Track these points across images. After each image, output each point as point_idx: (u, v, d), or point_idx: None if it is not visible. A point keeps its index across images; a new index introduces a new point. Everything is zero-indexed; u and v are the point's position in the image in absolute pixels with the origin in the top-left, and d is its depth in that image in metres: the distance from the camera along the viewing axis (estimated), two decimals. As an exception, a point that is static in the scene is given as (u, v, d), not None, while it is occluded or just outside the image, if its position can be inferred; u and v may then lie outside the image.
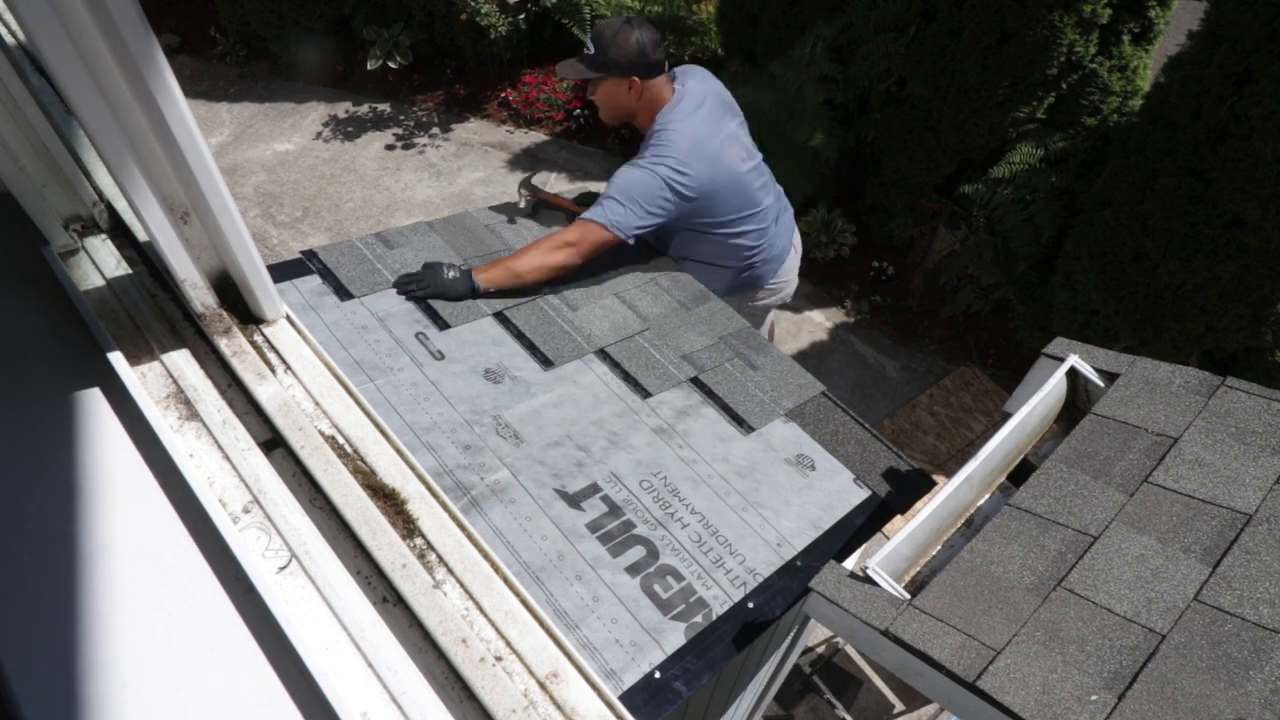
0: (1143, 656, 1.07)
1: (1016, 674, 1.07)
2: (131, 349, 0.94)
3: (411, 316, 1.80)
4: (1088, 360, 1.61)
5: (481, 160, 5.52)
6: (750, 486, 1.61)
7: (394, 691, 0.73)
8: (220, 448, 0.86)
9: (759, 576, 1.43)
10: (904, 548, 1.33)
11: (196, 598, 0.75)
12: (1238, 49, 2.76)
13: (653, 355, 1.86)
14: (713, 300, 2.11)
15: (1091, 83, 3.82)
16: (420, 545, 0.83)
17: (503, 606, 0.80)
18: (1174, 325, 3.24)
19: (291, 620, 0.73)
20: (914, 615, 1.18)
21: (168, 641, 0.72)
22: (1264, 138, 2.70)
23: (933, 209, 4.40)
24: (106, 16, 0.66)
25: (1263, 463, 1.31)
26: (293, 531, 0.81)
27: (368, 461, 0.89)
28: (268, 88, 6.16)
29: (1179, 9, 3.85)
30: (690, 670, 1.27)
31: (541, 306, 1.92)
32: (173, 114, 0.73)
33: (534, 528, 1.41)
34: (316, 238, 4.91)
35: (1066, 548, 1.25)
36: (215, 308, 0.96)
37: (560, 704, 0.75)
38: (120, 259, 1.05)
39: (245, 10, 5.99)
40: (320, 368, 0.97)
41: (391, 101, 5.98)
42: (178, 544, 0.79)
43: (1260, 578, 1.13)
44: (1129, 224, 3.24)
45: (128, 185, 0.78)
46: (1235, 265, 2.97)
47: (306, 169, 5.42)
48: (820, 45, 4.15)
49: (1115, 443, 1.41)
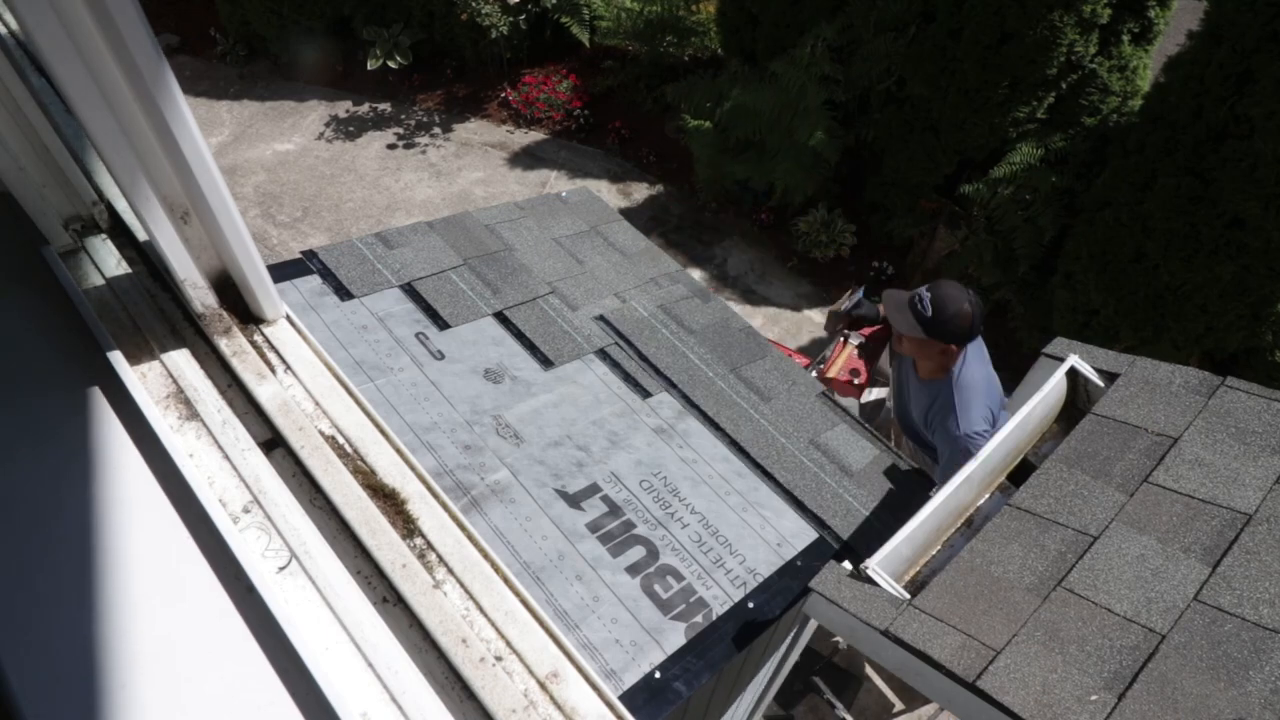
0: (1143, 656, 1.07)
1: (1016, 674, 1.07)
2: (131, 349, 0.93)
3: (411, 316, 1.80)
4: (1088, 360, 1.61)
5: (481, 160, 5.52)
6: (750, 486, 1.60)
7: (394, 691, 0.73)
8: (220, 448, 0.86)
9: (759, 576, 1.43)
10: (904, 548, 1.33)
11: (196, 597, 0.75)
12: (1238, 49, 2.76)
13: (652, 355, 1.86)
14: (713, 300, 2.11)
15: (1091, 83, 3.82)
16: (420, 545, 0.83)
17: (503, 606, 0.80)
18: (1174, 325, 3.24)
19: (291, 620, 0.73)
20: (914, 615, 1.18)
21: (168, 641, 0.72)
22: (1264, 138, 2.70)
23: (933, 209, 4.40)
24: (106, 16, 0.66)
25: (1263, 463, 1.30)
26: (293, 531, 0.81)
27: (368, 461, 0.89)
28: (268, 88, 6.16)
29: (1179, 9, 3.85)
30: (690, 670, 1.27)
31: (541, 307, 1.92)
32: (173, 114, 0.73)
33: (534, 528, 1.41)
34: (316, 238, 4.91)
35: (1066, 548, 1.25)
36: (215, 308, 0.96)
37: (560, 704, 0.75)
38: (120, 259, 1.05)
39: (245, 10, 5.99)
40: (320, 368, 0.97)
41: (392, 101, 5.98)
42: (178, 544, 0.79)
43: (1260, 578, 1.13)
44: (1129, 224, 3.24)
45: (128, 185, 0.78)
46: (1235, 265, 2.97)
47: (306, 169, 5.42)
48: (821, 45, 4.15)
49: (1115, 443, 1.41)
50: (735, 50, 4.94)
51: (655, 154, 5.47)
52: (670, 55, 5.63)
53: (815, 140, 4.23)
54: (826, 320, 2.47)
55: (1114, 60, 3.77)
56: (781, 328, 4.45)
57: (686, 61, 5.68)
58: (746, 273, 4.78)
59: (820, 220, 4.64)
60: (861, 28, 4.16)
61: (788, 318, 4.51)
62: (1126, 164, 3.28)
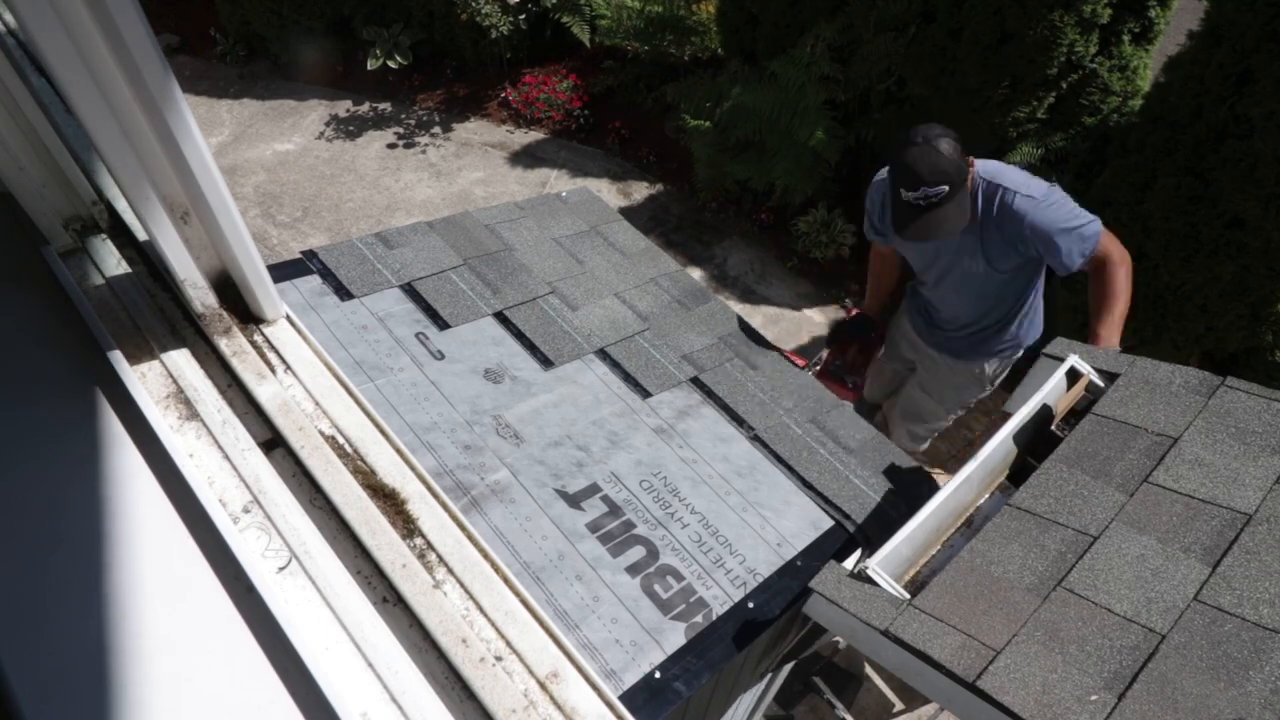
0: (1143, 656, 1.07)
1: (1016, 674, 1.07)
2: (131, 349, 0.94)
3: (411, 316, 1.80)
4: (1088, 360, 1.61)
5: (482, 160, 5.52)
6: (750, 486, 1.61)
7: (394, 691, 0.73)
8: (220, 448, 0.86)
9: (759, 576, 1.43)
10: (904, 548, 1.33)
11: (196, 597, 0.75)
12: (1238, 49, 2.76)
13: (653, 355, 1.86)
14: (712, 300, 2.11)
15: (1091, 83, 3.82)
16: (420, 545, 0.83)
17: (503, 606, 0.80)
18: (1174, 325, 3.24)
19: (291, 620, 0.73)
20: (914, 615, 1.18)
21: (167, 641, 0.72)
22: (1264, 138, 2.70)
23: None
24: (106, 16, 0.66)
25: (1263, 463, 1.31)
26: (293, 531, 0.81)
27: (368, 461, 0.89)
28: (268, 87, 6.16)
29: (1179, 9, 3.85)
30: (690, 670, 1.27)
31: (541, 306, 1.92)
32: (173, 114, 0.73)
33: (534, 528, 1.41)
34: (316, 238, 4.91)
35: (1066, 548, 1.25)
36: (215, 307, 0.96)
37: (560, 704, 0.75)
38: (120, 259, 1.05)
39: (245, 10, 5.99)
40: (320, 368, 0.97)
41: (392, 101, 5.98)
42: (177, 544, 0.79)
43: (1260, 578, 1.13)
44: (1129, 224, 3.24)
45: (128, 185, 0.78)
46: (1235, 265, 2.97)
47: (306, 169, 5.42)
48: (820, 45, 4.15)
49: (1115, 443, 1.41)
50: (735, 50, 4.94)
51: (655, 154, 5.47)
52: (670, 55, 5.63)
53: (815, 140, 4.22)
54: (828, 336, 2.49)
55: (1114, 60, 3.77)
56: (781, 328, 4.45)
57: (686, 61, 5.68)
58: (746, 272, 4.78)
59: (820, 220, 4.64)
60: (861, 28, 4.16)
61: (788, 317, 4.51)
62: (1126, 164, 3.28)
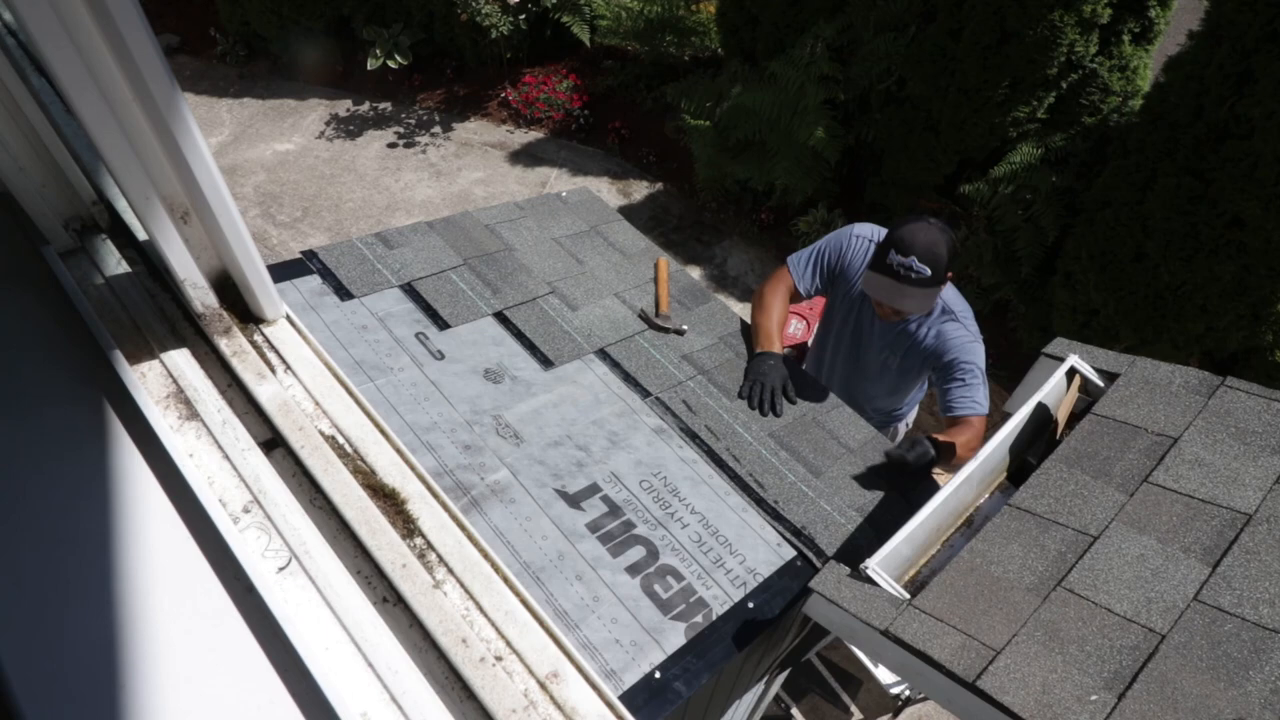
0: (1143, 656, 1.07)
1: (1016, 674, 1.07)
2: (131, 349, 0.94)
3: (411, 316, 1.80)
4: (1088, 360, 1.61)
5: (481, 160, 5.52)
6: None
7: (394, 691, 0.73)
8: (220, 447, 0.86)
9: (759, 576, 1.43)
10: (904, 548, 1.33)
11: (196, 598, 0.75)
12: (1238, 49, 2.76)
13: (653, 355, 1.86)
14: (712, 300, 2.11)
15: (1091, 83, 3.82)
16: (420, 545, 0.83)
17: (503, 606, 0.80)
18: (1174, 325, 3.24)
19: (291, 620, 0.73)
20: (914, 615, 1.18)
21: (167, 641, 0.72)
22: (1264, 138, 2.70)
23: (933, 209, 4.40)
24: (106, 16, 0.66)
25: (1263, 463, 1.30)
26: (293, 531, 0.81)
27: (368, 461, 0.89)
28: (268, 87, 6.16)
29: (1179, 9, 3.85)
30: (690, 670, 1.27)
31: (541, 306, 1.92)
32: (173, 114, 0.73)
33: (534, 528, 1.41)
34: (316, 238, 4.91)
35: (1066, 548, 1.25)
36: (215, 307, 0.96)
37: (560, 704, 0.75)
38: (120, 259, 1.05)
39: (245, 10, 5.99)
40: (320, 368, 0.97)
41: (392, 101, 5.98)
42: (177, 544, 0.79)
43: (1260, 578, 1.13)
44: (1129, 224, 3.24)
45: (128, 185, 0.78)
46: (1235, 265, 2.97)
47: (306, 169, 5.42)
48: (820, 45, 4.15)
49: (1115, 443, 1.41)
50: (735, 50, 4.94)
51: (655, 154, 5.47)
52: (670, 55, 5.63)
53: (815, 140, 4.22)
54: None
55: (1114, 60, 3.77)
56: (781, 328, 4.44)
57: (686, 61, 5.68)
58: (746, 272, 4.78)
59: (820, 220, 4.64)
60: (861, 28, 4.16)
61: (788, 318, 4.51)
62: (1126, 164, 3.28)
